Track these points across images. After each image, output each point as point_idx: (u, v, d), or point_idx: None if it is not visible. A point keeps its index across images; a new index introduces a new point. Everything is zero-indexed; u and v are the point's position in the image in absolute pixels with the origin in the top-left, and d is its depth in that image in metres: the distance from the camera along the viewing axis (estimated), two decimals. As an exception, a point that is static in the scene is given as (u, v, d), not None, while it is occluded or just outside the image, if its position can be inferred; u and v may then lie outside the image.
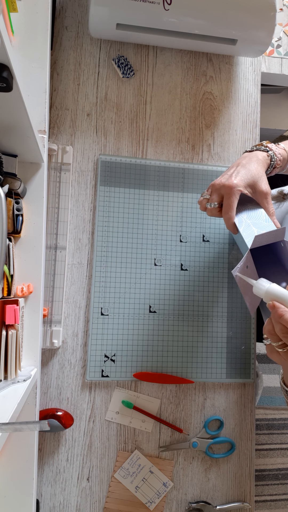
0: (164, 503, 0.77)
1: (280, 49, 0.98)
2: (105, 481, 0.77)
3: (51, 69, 0.80)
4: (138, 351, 0.78)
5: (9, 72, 0.39)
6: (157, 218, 0.81)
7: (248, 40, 0.79)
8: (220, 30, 0.77)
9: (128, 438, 0.78)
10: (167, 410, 0.79)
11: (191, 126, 0.86)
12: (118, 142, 0.82)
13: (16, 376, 0.56)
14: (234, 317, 0.82)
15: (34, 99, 0.64)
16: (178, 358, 0.80)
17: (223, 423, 0.81)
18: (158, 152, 0.84)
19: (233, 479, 0.81)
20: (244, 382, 0.82)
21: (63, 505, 0.75)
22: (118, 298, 0.79)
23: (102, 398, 0.77)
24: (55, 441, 0.76)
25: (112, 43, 0.83)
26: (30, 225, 0.64)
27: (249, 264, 0.59)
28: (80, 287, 0.78)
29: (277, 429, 1.67)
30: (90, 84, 0.82)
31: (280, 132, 1.32)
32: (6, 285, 0.57)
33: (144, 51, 0.85)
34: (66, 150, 0.78)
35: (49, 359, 0.76)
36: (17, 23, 0.63)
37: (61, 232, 0.77)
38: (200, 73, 0.87)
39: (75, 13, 0.82)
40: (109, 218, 0.80)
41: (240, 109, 0.88)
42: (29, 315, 0.64)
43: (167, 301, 0.80)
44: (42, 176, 0.66)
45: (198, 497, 0.79)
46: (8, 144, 0.59)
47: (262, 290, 0.52)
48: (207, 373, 0.80)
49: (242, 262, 0.57)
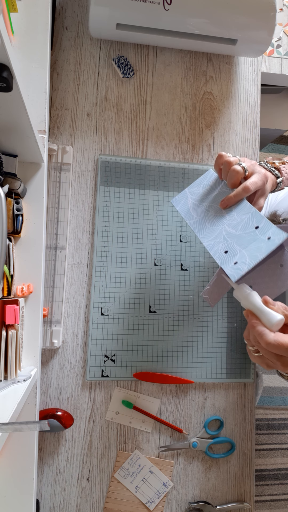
0: (164, 503, 0.77)
1: (280, 49, 0.98)
2: (105, 481, 0.77)
3: (51, 69, 0.80)
4: (138, 351, 0.78)
5: (9, 72, 0.40)
6: (157, 218, 0.81)
7: (248, 40, 0.79)
8: (220, 30, 0.77)
9: (128, 438, 0.78)
10: (167, 410, 0.79)
11: (191, 126, 0.86)
12: (118, 142, 0.82)
13: (16, 376, 0.56)
14: (234, 317, 0.82)
15: (34, 99, 0.64)
16: (178, 358, 0.80)
17: (223, 423, 0.81)
18: (158, 152, 0.84)
19: (233, 479, 0.81)
20: (244, 382, 0.82)
21: (63, 505, 0.75)
22: (118, 298, 0.79)
23: (102, 398, 0.77)
24: (55, 441, 0.76)
25: (112, 43, 0.83)
26: (30, 225, 0.64)
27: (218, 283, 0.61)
28: (80, 287, 0.78)
29: (277, 429, 1.67)
30: (90, 84, 0.82)
31: (280, 132, 1.32)
32: (6, 285, 0.57)
33: (144, 51, 0.85)
34: (66, 150, 0.78)
35: (49, 359, 0.76)
36: (17, 23, 0.63)
37: (61, 232, 0.77)
38: (200, 73, 0.87)
39: (75, 13, 0.82)
40: (109, 218, 0.80)
41: (240, 109, 0.88)
42: (29, 315, 0.64)
43: (167, 301, 0.80)
44: (42, 176, 0.66)
45: (198, 497, 0.79)
46: (8, 144, 0.59)
47: (242, 295, 0.56)
48: (207, 373, 0.80)
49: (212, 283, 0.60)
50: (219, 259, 0.58)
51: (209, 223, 0.64)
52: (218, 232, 0.62)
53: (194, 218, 0.66)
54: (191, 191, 0.70)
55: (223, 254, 0.59)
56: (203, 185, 0.69)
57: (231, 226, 0.61)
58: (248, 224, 0.60)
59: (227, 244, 0.60)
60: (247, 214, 0.61)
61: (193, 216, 0.66)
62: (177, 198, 0.70)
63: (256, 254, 0.55)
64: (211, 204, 0.66)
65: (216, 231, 0.62)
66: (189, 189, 0.70)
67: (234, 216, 0.62)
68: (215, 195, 0.66)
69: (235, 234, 0.60)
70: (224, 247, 0.60)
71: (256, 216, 0.60)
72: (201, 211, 0.66)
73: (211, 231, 0.63)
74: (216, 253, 0.59)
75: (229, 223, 0.62)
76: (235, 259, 0.57)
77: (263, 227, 0.59)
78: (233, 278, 0.54)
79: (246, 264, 0.55)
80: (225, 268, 0.57)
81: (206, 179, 0.69)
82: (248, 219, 0.60)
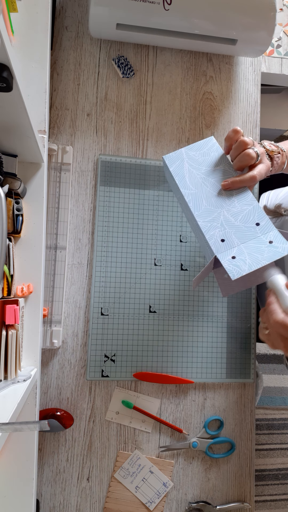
0: (164, 503, 0.77)
1: (280, 49, 0.98)
2: (105, 481, 0.77)
3: (51, 69, 0.80)
4: (138, 351, 0.78)
5: (9, 72, 0.39)
6: (157, 218, 0.81)
7: (248, 40, 0.79)
8: (220, 30, 0.77)
9: (128, 438, 0.78)
10: (167, 410, 0.79)
11: (191, 126, 0.86)
12: (118, 142, 0.82)
13: (16, 376, 0.56)
14: (234, 317, 0.82)
15: (34, 99, 0.64)
16: (178, 358, 0.80)
17: (223, 423, 0.81)
18: (158, 152, 0.84)
19: (233, 479, 0.81)
20: (244, 382, 0.82)
21: (63, 505, 0.75)
22: (118, 298, 0.79)
23: (102, 398, 0.77)
24: (55, 441, 0.76)
25: (112, 43, 0.83)
26: (30, 225, 0.64)
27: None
28: (80, 287, 0.78)
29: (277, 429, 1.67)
30: (90, 84, 0.82)
31: (280, 132, 1.32)
32: (6, 285, 0.57)
33: (144, 51, 0.85)
34: (66, 150, 0.78)
35: (49, 359, 0.76)
36: (17, 23, 0.63)
37: (61, 232, 0.77)
38: (200, 73, 0.87)
39: (75, 13, 0.82)
40: (109, 218, 0.80)
41: (240, 109, 0.88)
42: (29, 315, 0.64)
43: (167, 301, 0.80)
44: (42, 176, 0.66)
45: (198, 497, 0.79)
46: (8, 144, 0.59)
47: (269, 275, 0.57)
48: (207, 373, 0.80)
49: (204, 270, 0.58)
50: (215, 246, 0.57)
51: (206, 202, 0.61)
52: (215, 215, 0.60)
53: (190, 189, 0.62)
54: (188, 154, 0.64)
55: (219, 242, 0.58)
56: (202, 153, 0.64)
57: (230, 213, 0.59)
58: (249, 217, 0.59)
59: (225, 232, 0.58)
60: (249, 205, 0.60)
61: (189, 185, 0.62)
62: (171, 156, 0.65)
63: (258, 257, 0.55)
64: (210, 180, 0.62)
65: (213, 213, 0.60)
66: (186, 150, 0.65)
67: (234, 202, 0.60)
68: (216, 171, 0.63)
69: (234, 223, 0.59)
70: (221, 234, 0.58)
71: (258, 211, 0.59)
72: (198, 182, 0.62)
73: (208, 212, 0.60)
74: (212, 238, 0.58)
75: (228, 208, 0.60)
76: (232, 252, 0.56)
77: (264, 226, 0.58)
78: (232, 276, 0.54)
79: (246, 265, 0.54)
80: (222, 260, 0.56)
81: (207, 146, 0.65)
82: (249, 211, 0.59)
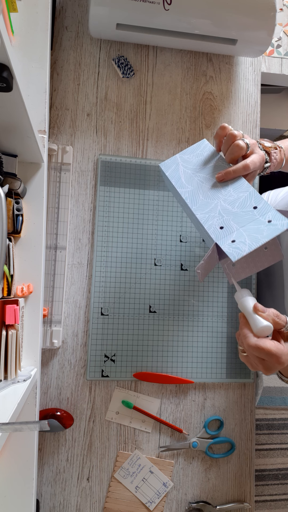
0: (164, 503, 0.77)
1: (280, 49, 0.98)
2: (105, 481, 0.77)
3: (51, 69, 0.80)
4: (138, 351, 0.78)
5: (9, 72, 0.39)
6: (157, 218, 0.81)
7: (248, 40, 0.79)
8: (220, 30, 0.77)
9: (128, 438, 0.78)
10: (167, 410, 0.79)
11: (191, 126, 0.86)
12: (118, 142, 0.82)
13: (16, 376, 0.56)
14: (234, 317, 0.82)
15: (34, 99, 0.64)
16: (178, 358, 0.80)
17: (223, 423, 0.81)
18: (158, 152, 0.84)
19: (233, 479, 0.81)
20: (244, 382, 0.82)
21: (63, 505, 0.75)
22: (118, 298, 0.79)
23: (102, 398, 0.77)
24: (55, 441, 0.76)
25: (112, 43, 0.83)
26: (30, 225, 0.64)
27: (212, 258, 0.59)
28: (80, 287, 0.78)
29: (277, 429, 1.67)
30: (90, 84, 0.82)
31: (280, 132, 1.32)
32: (6, 285, 0.57)
33: (144, 51, 0.85)
34: (66, 150, 0.78)
35: (49, 359, 0.76)
36: (17, 23, 0.63)
37: (61, 232, 0.77)
38: (200, 73, 0.87)
39: (75, 13, 0.82)
40: (109, 218, 0.80)
41: (240, 109, 0.88)
42: (29, 315, 0.64)
43: (167, 301, 0.80)
44: (42, 176, 0.66)
45: (198, 497, 0.79)
46: (8, 144, 0.59)
47: (238, 298, 0.59)
48: (207, 373, 0.80)
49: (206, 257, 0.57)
50: (214, 234, 0.57)
51: (203, 195, 0.61)
52: (213, 206, 0.60)
53: (186, 187, 0.63)
54: (183, 158, 0.66)
55: (218, 230, 0.57)
56: (196, 154, 0.66)
57: (227, 202, 0.59)
58: (245, 202, 0.58)
59: (223, 220, 0.58)
60: (244, 192, 0.59)
61: (185, 185, 0.63)
62: (166, 163, 0.66)
63: (257, 236, 0.54)
64: (205, 176, 0.63)
65: (210, 205, 0.60)
66: (180, 155, 0.66)
67: (230, 192, 0.60)
68: (209, 167, 0.64)
69: (231, 210, 0.58)
70: (219, 222, 0.58)
71: (255, 195, 0.59)
72: (194, 180, 0.63)
73: (205, 204, 0.60)
74: (211, 228, 0.58)
75: (225, 198, 0.60)
76: (232, 236, 0.56)
77: (262, 208, 0.57)
78: (232, 258, 0.53)
79: (246, 245, 0.53)
80: (222, 245, 0.55)
81: (200, 148, 0.66)
82: (246, 197, 0.59)
